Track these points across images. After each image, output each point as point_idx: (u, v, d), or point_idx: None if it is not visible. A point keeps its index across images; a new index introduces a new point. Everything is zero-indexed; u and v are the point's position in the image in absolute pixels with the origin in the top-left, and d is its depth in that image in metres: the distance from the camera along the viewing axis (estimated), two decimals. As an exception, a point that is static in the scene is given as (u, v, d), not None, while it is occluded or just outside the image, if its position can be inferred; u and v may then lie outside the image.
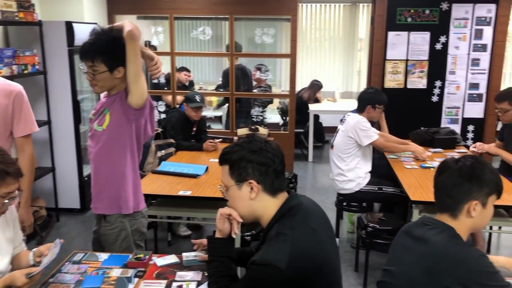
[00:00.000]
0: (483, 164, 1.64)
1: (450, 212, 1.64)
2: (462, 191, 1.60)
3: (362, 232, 3.32)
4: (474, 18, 5.28)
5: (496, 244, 4.09)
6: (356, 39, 8.30)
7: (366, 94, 3.82)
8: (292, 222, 1.54)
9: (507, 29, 5.36)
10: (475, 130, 5.55)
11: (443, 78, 5.45)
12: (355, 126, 3.67)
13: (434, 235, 1.60)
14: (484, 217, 1.64)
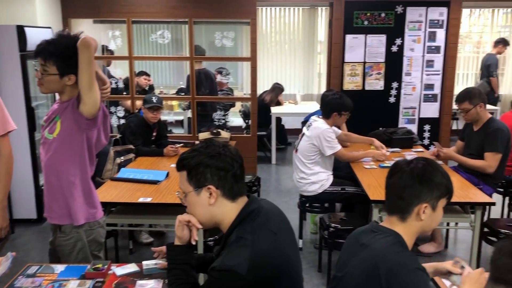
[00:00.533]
0: (435, 167, 1.64)
1: (400, 214, 1.64)
2: (412, 193, 1.60)
3: (325, 232, 3.35)
4: (427, 21, 5.46)
5: (454, 240, 4.22)
6: (316, 42, 8.41)
7: (333, 100, 3.80)
8: (253, 227, 1.54)
9: (458, 31, 5.57)
10: (431, 130, 5.74)
11: (399, 80, 5.61)
12: (319, 135, 3.70)
13: (377, 241, 1.59)
14: (433, 220, 1.64)
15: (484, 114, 3.69)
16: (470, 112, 3.67)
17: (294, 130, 7.42)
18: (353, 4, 5.41)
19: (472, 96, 3.66)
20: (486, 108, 3.76)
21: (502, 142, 3.57)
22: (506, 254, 0.92)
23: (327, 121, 3.80)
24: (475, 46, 8.73)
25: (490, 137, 3.59)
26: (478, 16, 8.44)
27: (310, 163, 3.77)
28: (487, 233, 3.29)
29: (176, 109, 7.09)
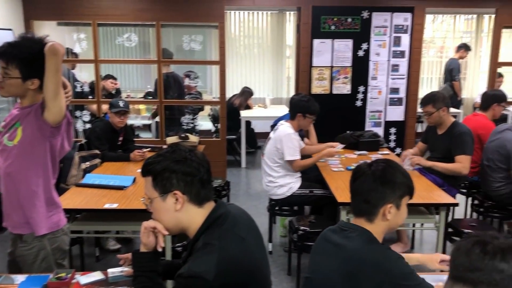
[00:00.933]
0: (395, 168, 1.69)
1: (367, 216, 1.67)
2: (377, 196, 1.64)
3: (294, 235, 3.36)
4: (392, 26, 5.58)
5: (419, 240, 4.32)
6: (284, 46, 8.47)
7: (299, 102, 3.84)
8: (220, 232, 1.52)
9: (422, 36, 5.71)
10: (396, 132, 5.85)
11: (365, 84, 5.70)
12: (283, 139, 3.72)
13: (351, 240, 1.62)
14: (398, 218, 1.69)
15: (447, 118, 3.79)
16: (433, 115, 3.76)
17: (263, 133, 7.42)
18: (320, 9, 5.47)
19: (435, 100, 3.75)
20: (450, 112, 3.86)
21: (471, 144, 3.67)
22: (464, 253, 0.95)
23: (293, 123, 3.82)
24: (439, 51, 9.00)
25: (459, 141, 3.67)
26: (441, 22, 8.70)
27: (277, 166, 3.79)
28: (451, 233, 3.38)
29: (143, 113, 7.00)
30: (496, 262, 0.91)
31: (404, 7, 5.53)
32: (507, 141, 3.71)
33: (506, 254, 0.91)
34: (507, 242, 0.95)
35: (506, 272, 0.89)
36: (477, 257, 0.93)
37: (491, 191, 3.82)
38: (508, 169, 3.70)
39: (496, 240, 0.95)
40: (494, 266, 0.90)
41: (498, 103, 4.30)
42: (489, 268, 0.90)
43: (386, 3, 5.55)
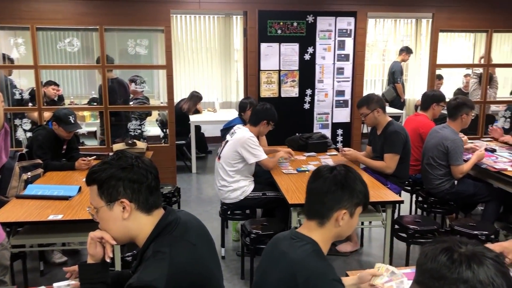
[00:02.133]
0: (356, 175, 1.70)
1: (319, 219, 1.67)
2: (334, 198, 1.65)
3: (246, 239, 3.36)
4: (336, 30, 5.72)
5: (368, 238, 4.44)
6: (232, 50, 8.48)
7: (265, 110, 3.91)
8: (170, 239, 1.49)
9: (365, 40, 5.89)
10: (343, 134, 6.00)
11: (313, 87, 5.81)
12: (243, 143, 3.72)
13: (296, 250, 1.62)
14: (349, 226, 1.70)
15: (382, 119, 3.95)
16: (368, 116, 3.94)
17: (214, 138, 7.41)
18: (267, 13, 5.53)
19: (370, 101, 3.93)
20: (386, 113, 4.02)
21: (399, 144, 3.83)
22: (430, 259, 0.94)
23: (253, 129, 3.85)
24: (381, 54, 9.32)
25: (388, 140, 3.86)
26: (383, 26, 9.02)
27: (233, 170, 3.78)
28: (398, 230, 3.50)
29: (88, 120, 6.78)
30: (461, 271, 0.89)
31: (347, 11, 5.69)
32: (445, 138, 3.89)
33: (472, 264, 0.90)
34: (472, 249, 0.94)
35: (470, 283, 0.88)
36: (443, 266, 0.92)
37: (432, 188, 4.00)
38: (448, 166, 3.88)
39: (464, 247, 0.94)
40: (460, 275, 0.89)
41: (437, 103, 4.52)
42: (455, 278, 0.89)
43: (330, 7, 5.69)
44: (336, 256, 3.92)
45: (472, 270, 0.89)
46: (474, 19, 5.92)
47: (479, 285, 0.87)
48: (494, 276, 0.88)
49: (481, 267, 0.89)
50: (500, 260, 0.91)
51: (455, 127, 3.99)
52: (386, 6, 5.84)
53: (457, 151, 3.85)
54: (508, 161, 4.05)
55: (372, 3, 5.73)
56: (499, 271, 0.89)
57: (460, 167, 3.85)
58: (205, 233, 1.67)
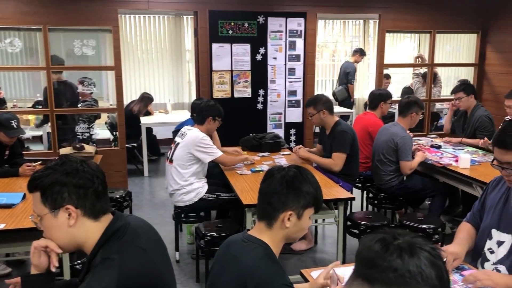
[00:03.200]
0: (305, 176, 1.67)
1: (268, 220, 1.66)
2: (280, 199, 1.63)
3: (201, 242, 3.32)
4: (287, 31, 5.78)
5: (322, 235, 4.50)
6: (184, 50, 8.38)
7: (208, 106, 3.88)
8: (119, 245, 1.44)
9: (315, 41, 5.99)
10: (296, 133, 6.07)
11: (265, 87, 5.84)
12: (196, 143, 3.67)
13: (247, 253, 1.60)
14: (298, 228, 1.67)
15: (329, 120, 4.04)
16: (314, 116, 4.04)
17: (166, 140, 7.29)
18: (217, 13, 5.50)
19: (317, 102, 4.01)
20: (334, 114, 4.10)
21: (346, 143, 3.94)
22: (366, 249, 0.95)
23: (201, 127, 3.81)
24: (332, 55, 9.51)
25: (336, 139, 3.97)
26: (332, 27, 9.21)
27: (186, 172, 3.71)
28: (350, 226, 3.57)
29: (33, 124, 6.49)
30: (392, 260, 0.90)
31: (297, 12, 5.76)
32: (394, 135, 4.02)
33: (404, 253, 0.91)
34: (409, 241, 0.95)
35: (399, 271, 0.88)
36: (376, 254, 0.92)
37: (383, 184, 4.11)
38: (397, 162, 4.01)
39: (401, 239, 0.95)
40: (390, 264, 0.90)
41: (384, 102, 4.65)
42: (385, 266, 0.90)
43: (280, 8, 5.73)
44: (291, 255, 3.95)
45: (403, 260, 0.89)
46: (418, 20, 6.15)
47: (407, 274, 0.88)
48: (424, 266, 0.89)
49: (412, 257, 0.90)
50: (434, 252, 0.93)
51: (404, 124, 4.13)
52: (334, 7, 5.95)
53: (406, 147, 3.98)
54: (452, 156, 4.23)
55: (321, 4, 5.82)
56: (430, 262, 0.90)
57: (409, 163, 3.98)
58: (156, 238, 1.63)
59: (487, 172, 3.60)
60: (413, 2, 6.06)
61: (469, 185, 3.75)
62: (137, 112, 6.87)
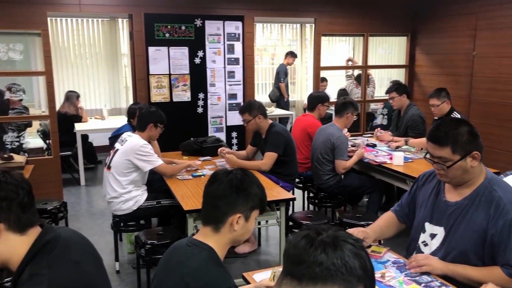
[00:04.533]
0: (252, 179, 1.70)
1: (215, 224, 1.65)
2: (229, 202, 1.63)
3: (142, 250, 3.23)
4: (225, 34, 5.77)
5: (266, 237, 4.52)
6: (119, 54, 8.15)
7: (150, 112, 3.78)
8: (49, 259, 1.36)
9: (253, 44, 6.02)
10: (238, 136, 6.07)
11: (205, 90, 5.79)
12: (135, 151, 3.55)
13: (192, 258, 1.59)
14: (246, 230, 1.69)
15: (264, 124, 4.10)
16: (250, 122, 4.06)
17: (103, 147, 7.04)
18: (153, 16, 5.39)
19: (251, 108, 4.06)
20: (268, 117, 4.17)
21: (279, 143, 4.00)
22: (292, 246, 0.97)
23: (142, 134, 3.70)
24: (271, 58, 9.62)
25: (269, 140, 4.04)
26: (271, 30, 9.32)
27: (125, 180, 3.59)
28: (292, 226, 3.61)
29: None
30: (317, 255, 0.92)
31: (234, 15, 5.76)
32: (330, 135, 4.13)
33: (327, 247, 0.93)
34: (333, 235, 0.97)
35: (324, 265, 0.91)
36: (302, 250, 0.94)
37: (322, 184, 4.21)
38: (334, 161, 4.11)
39: (325, 233, 0.98)
40: (315, 259, 0.92)
41: (322, 103, 4.77)
42: (311, 261, 0.92)
43: (217, 11, 5.71)
44: (235, 258, 3.93)
45: (327, 253, 0.92)
46: (352, 24, 6.36)
47: (332, 267, 0.91)
48: (347, 258, 0.92)
49: (336, 250, 0.93)
50: (358, 244, 0.96)
51: (340, 125, 4.25)
52: (271, 11, 6.02)
53: (342, 147, 4.10)
54: (387, 154, 4.40)
55: (258, 8, 5.87)
56: (353, 254, 0.93)
57: (344, 162, 4.10)
58: (90, 249, 1.56)
59: (419, 168, 3.78)
60: (347, 7, 6.26)
61: (403, 181, 3.92)
62: (67, 112, 6.58)
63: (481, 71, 5.75)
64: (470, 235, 1.97)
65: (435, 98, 4.44)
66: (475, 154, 1.97)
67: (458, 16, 6.01)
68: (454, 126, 1.99)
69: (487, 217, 1.94)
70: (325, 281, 0.90)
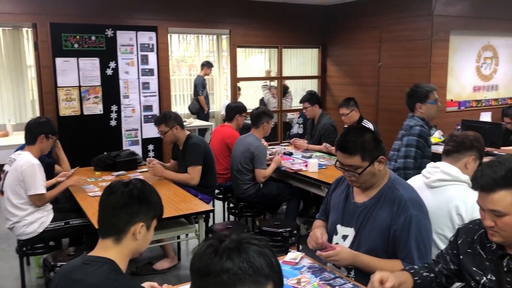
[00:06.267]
0: (151, 188, 1.70)
1: (116, 234, 1.60)
2: (132, 212, 1.60)
3: (51, 274, 3.01)
4: (138, 45, 5.63)
5: (186, 251, 4.43)
6: (25, 66, 7.62)
7: (37, 124, 3.48)
8: None
9: (167, 54, 5.94)
10: (155, 149, 5.92)
11: (118, 102, 5.60)
12: (23, 171, 3.27)
13: (92, 274, 1.51)
14: (146, 240, 1.67)
15: (182, 135, 4.05)
16: (168, 134, 4.00)
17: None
18: (60, 26, 5.12)
19: (167, 119, 3.99)
20: (184, 128, 4.11)
21: (198, 155, 3.97)
22: (198, 259, 0.96)
23: (33, 148, 3.42)
24: (189, 69, 9.53)
25: (189, 153, 3.99)
26: (189, 41, 9.25)
27: (23, 202, 3.31)
28: (212, 238, 3.56)
29: None
30: (223, 262, 0.92)
31: (147, 26, 5.65)
32: (249, 144, 4.17)
33: (232, 253, 0.94)
34: (236, 239, 0.98)
35: (231, 271, 0.91)
36: (208, 261, 0.94)
37: (242, 193, 4.22)
38: (254, 170, 4.14)
39: (227, 239, 0.98)
40: (222, 266, 0.92)
41: (239, 114, 4.80)
42: (218, 269, 0.92)
43: (129, 22, 5.57)
44: (153, 275, 3.80)
45: (232, 259, 0.93)
46: (266, 36, 6.51)
47: (239, 271, 0.92)
48: (252, 259, 0.94)
49: (241, 254, 0.94)
50: (261, 243, 0.98)
51: (258, 134, 4.31)
52: (186, 21, 5.98)
53: (261, 156, 4.15)
54: (302, 162, 4.51)
55: (172, 18, 5.81)
56: (258, 253, 0.95)
57: (263, 171, 4.15)
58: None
59: (333, 174, 3.91)
60: (261, 19, 6.39)
61: (318, 187, 4.04)
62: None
63: (386, 80, 6.13)
64: (376, 232, 2.07)
65: (344, 107, 4.65)
66: (381, 159, 2.08)
67: (364, 29, 6.38)
68: (360, 135, 2.08)
69: (390, 214, 2.05)
70: (235, 287, 0.90)
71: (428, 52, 5.56)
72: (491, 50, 6.26)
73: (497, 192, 1.56)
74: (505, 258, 1.63)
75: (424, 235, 2.02)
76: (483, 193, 1.60)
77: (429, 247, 2.05)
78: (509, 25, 6.22)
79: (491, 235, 1.64)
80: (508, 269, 1.62)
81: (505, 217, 1.56)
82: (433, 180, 2.34)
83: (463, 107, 6.12)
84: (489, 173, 1.58)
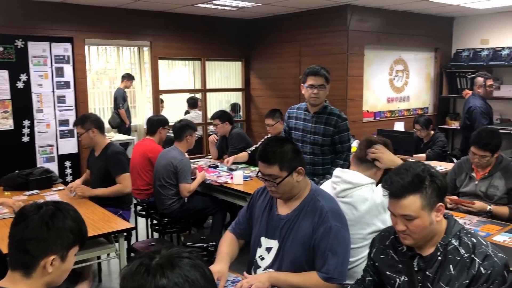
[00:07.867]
0: (66, 212, 1.51)
1: (24, 269, 1.44)
2: (39, 245, 1.43)
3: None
4: (52, 56, 5.34)
5: (108, 272, 4.22)
6: None
7: None
8: None
9: (84, 67, 5.69)
10: (72, 165, 5.62)
11: (31, 117, 5.26)
12: None
13: None
14: (63, 271, 1.51)
15: (100, 140, 3.90)
16: (83, 135, 3.84)
17: None
18: (-38, 35, 4.74)
19: (84, 121, 3.85)
20: (105, 135, 4.01)
21: (125, 163, 3.87)
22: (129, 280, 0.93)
23: None
24: (111, 82, 9.20)
25: (115, 161, 3.81)
26: (109, 53, 8.93)
27: None
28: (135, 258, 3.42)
29: None
30: (157, 281, 0.90)
31: (62, 37, 5.38)
32: (173, 158, 4.08)
33: (165, 269, 0.91)
34: (167, 255, 0.95)
35: None
36: (141, 281, 0.91)
37: (165, 209, 4.11)
38: (177, 185, 4.06)
39: (158, 256, 0.95)
40: (157, 285, 0.89)
41: (162, 127, 4.69)
42: None
43: (42, 32, 5.27)
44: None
45: (166, 276, 0.91)
46: (189, 48, 6.46)
47: (176, 287, 0.90)
48: (187, 272, 0.92)
49: (174, 269, 0.92)
50: (193, 255, 0.97)
51: (181, 148, 4.23)
52: (104, 33, 5.78)
53: (185, 169, 4.08)
54: (228, 174, 4.50)
55: (88, 29, 5.58)
56: (191, 266, 0.93)
57: (188, 185, 4.08)
58: None
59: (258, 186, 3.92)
60: (183, 31, 6.33)
61: (243, 199, 4.04)
62: None
63: (307, 93, 6.30)
64: (298, 243, 2.09)
65: (270, 118, 4.73)
66: (300, 170, 2.11)
67: (285, 43, 6.54)
68: (280, 145, 2.11)
69: (311, 224, 2.08)
70: None
71: (345, 66, 5.81)
72: (402, 64, 6.67)
73: (406, 198, 1.64)
74: (415, 258, 1.73)
75: (342, 246, 2.06)
76: (394, 200, 1.68)
77: (347, 258, 2.09)
78: (417, 40, 6.68)
79: (403, 239, 1.72)
80: (419, 268, 1.71)
81: (415, 220, 1.64)
82: (339, 191, 2.37)
83: (379, 118, 6.45)
84: (397, 180, 1.66)
